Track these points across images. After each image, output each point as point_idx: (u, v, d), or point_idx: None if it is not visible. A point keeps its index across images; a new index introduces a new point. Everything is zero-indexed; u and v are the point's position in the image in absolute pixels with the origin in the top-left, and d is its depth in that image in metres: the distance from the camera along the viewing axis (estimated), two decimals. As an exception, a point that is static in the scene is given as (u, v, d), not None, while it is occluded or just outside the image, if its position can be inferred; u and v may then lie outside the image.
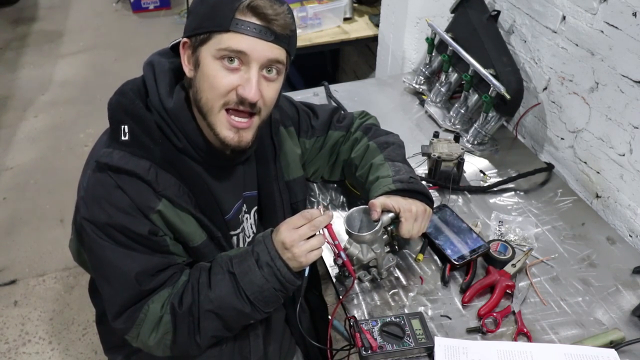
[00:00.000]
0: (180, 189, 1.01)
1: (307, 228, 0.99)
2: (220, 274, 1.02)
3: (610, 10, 1.31)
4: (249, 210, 1.21)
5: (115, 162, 0.96)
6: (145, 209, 0.97)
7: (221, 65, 0.95)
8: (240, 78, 0.96)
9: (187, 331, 1.02)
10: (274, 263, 0.99)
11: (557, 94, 1.55)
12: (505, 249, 1.25)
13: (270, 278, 0.99)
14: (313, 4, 2.41)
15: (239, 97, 0.97)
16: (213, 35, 0.94)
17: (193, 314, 1.01)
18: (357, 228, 1.15)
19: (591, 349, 1.04)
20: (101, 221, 0.97)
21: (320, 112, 1.34)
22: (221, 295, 1.01)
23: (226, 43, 0.94)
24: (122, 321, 1.02)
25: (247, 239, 1.21)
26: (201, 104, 0.99)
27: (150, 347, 1.05)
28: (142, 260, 0.99)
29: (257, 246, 1.02)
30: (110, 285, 1.02)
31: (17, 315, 2.26)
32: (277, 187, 1.20)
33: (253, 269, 1.00)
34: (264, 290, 1.00)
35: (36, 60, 4.04)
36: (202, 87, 0.98)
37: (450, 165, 1.45)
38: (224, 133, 1.00)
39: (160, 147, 1.00)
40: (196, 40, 0.97)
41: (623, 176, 1.37)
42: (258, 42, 0.94)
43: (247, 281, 1.00)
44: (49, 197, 2.82)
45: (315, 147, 1.32)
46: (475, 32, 1.65)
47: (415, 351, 1.05)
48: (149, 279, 1.00)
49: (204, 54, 0.96)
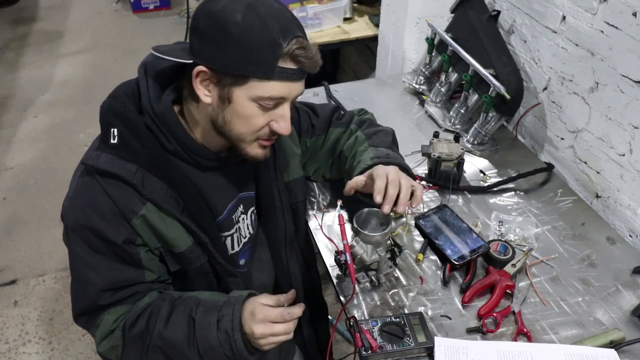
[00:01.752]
0: (168, 193, 1.00)
1: (282, 328, 0.97)
2: (182, 315, 1.00)
3: (610, 10, 1.31)
4: (246, 211, 1.20)
5: (101, 165, 0.96)
6: (128, 213, 0.97)
7: (257, 107, 0.96)
8: (273, 114, 0.99)
9: (135, 352, 1.03)
10: (233, 334, 0.97)
11: (557, 94, 1.55)
12: (505, 249, 1.25)
13: (224, 344, 0.97)
14: (313, 4, 2.41)
15: (273, 131, 1.00)
16: (251, 79, 0.93)
17: (143, 341, 1.01)
18: (365, 228, 1.16)
19: (591, 349, 1.04)
20: (81, 224, 0.98)
21: (321, 111, 1.34)
22: (174, 338, 0.99)
23: (269, 92, 0.94)
24: (82, 322, 1.06)
25: (243, 239, 1.20)
26: (230, 134, 1.00)
27: (102, 352, 1.06)
28: (109, 273, 1.00)
29: (226, 308, 1.00)
30: (74, 288, 1.05)
31: (17, 315, 2.26)
32: (277, 188, 1.20)
33: (212, 328, 0.98)
34: (215, 351, 0.99)
35: (36, 60, 4.04)
36: (235, 122, 0.98)
37: (450, 165, 1.45)
38: (254, 152, 1.03)
39: (149, 151, 0.99)
40: (226, 77, 0.94)
41: (623, 176, 1.37)
42: (295, 84, 0.97)
43: (202, 336, 0.98)
44: (49, 197, 2.82)
45: (316, 145, 1.32)
46: (475, 32, 1.65)
47: (415, 351, 1.05)
48: (110, 294, 1.01)
49: (239, 94, 0.95)
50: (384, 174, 1.11)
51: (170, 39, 4.13)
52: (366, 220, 1.19)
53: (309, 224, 1.36)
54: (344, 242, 1.06)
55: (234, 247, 1.19)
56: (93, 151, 0.99)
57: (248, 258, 1.24)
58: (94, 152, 0.99)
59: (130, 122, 0.98)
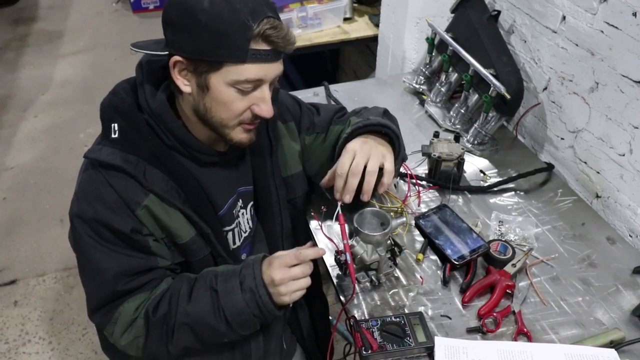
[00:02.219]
0: (169, 185, 1.02)
1: (299, 269, 0.99)
2: (203, 289, 1.02)
3: (610, 10, 1.31)
4: (245, 206, 1.21)
5: (104, 158, 0.98)
6: (132, 204, 0.99)
7: (235, 91, 0.97)
8: (253, 98, 0.99)
9: (159, 338, 1.03)
10: (257, 290, 0.99)
11: (557, 94, 1.56)
12: (505, 249, 1.25)
13: (251, 303, 1.00)
14: (313, 4, 2.41)
15: (255, 115, 1.00)
16: (226, 64, 0.94)
17: (167, 323, 1.02)
18: (365, 228, 1.16)
19: (591, 349, 1.04)
20: (88, 216, 0.99)
21: (324, 110, 1.35)
22: (199, 310, 1.01)
23: (244, 75, 0.95)
24: (98, 317, 1.05)
25: (243, 234, 1.21)
26: (213, 121, 1.01)
27: (123, 346, 1.06)
28: (122, 260, 1.01)
29: (245, 269, 1.02)
30: (89, 280, 1.05)
31: (17, 315, 2.26)
32: (273, 183, 1.20)
33: (236, 290, 1.00)
34: (243, 313, 1.00)
35: (36, 60, 4.04)
36: (215, 109, 0.99)
37: (450, 165, 1.45)
38: (238, 137, 1.04)
39: (150, 144, 1.01)
40: (201, 65, 0.95)
41: (623, 176, 1.37)
42: (269, 65, 0.97)
43: (227, 301, 1.00)
44: (49, 197, 2.82)
45: (316, 143, 1.31)
46: (475, 32, 1.65)
47: (415, 351, 1.05)
48: (126, 280, 1.02)
49: (216, 80, 0.96)
50: (351, 154, 1.08)
51: (170, 39, 4.14)
52: (366, 219, 1.19)
53: (310, 224, 1.36)
54: (344, 242, 1.06)
55: (235, 241, 1.20)
56: (95, 145, 1.02)
57: (249, 253, 1.25)
58: (96, 146, 1.01)
59: (130, 117, 1.00)
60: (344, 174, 1.08)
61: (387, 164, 1.09)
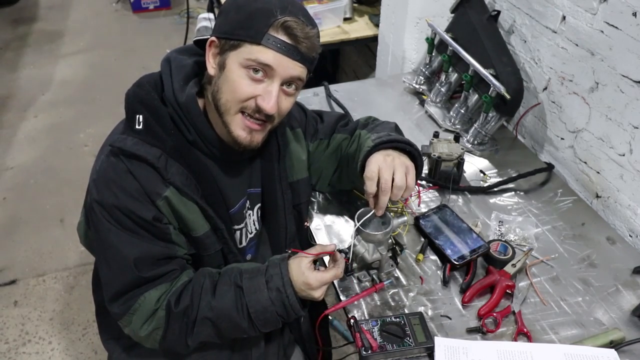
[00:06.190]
0: (188, 179, 1.04)
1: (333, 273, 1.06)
2: (227, 285, 1.05)
3: (610, 10, 1.31)
4: (253, 207, 1.22)
5: (128, 147, 1.00)
6: (153, 194, 1.01)
7: (246, 74, 1.00)
8: (261, 89, 1.01)
9: (179, 331, 1.04)
10: (285, 289, 1.02)
11: (557, 94, 1.55)
12: (505, 249, 1.25)
13: (276, 302, 1.03)
14: (313, 4, 2.41)
15: (257, 106, 1.01)
16: (243, 44, 0.98)
17: (189, 316, 1.03)
18: (367, 227, 1.16)
19: (591, 349, 1.04)
20: (109, 203, 1.00)
21: (327, 117, 1.37)
22: (223, 306, 1.03)
23: (255, 55, 0.97)
24: (117, 305, 1.04)
25: (249, 234, 1.23)
26: (219, 103, 1.03)
27: (140, 337, 1.07)
28: (144, 246, 1.02)
29: (272, 268, 1.05)
30: (109, 267, 1.05)
31: (17, 315, 2.26)
32: (280, 187, 1.22)
33: (262, 288, 1.03)
34: (267, 312, 1.03)
35: (36, 60, 4.04)
36: (223, 88, 1.01)
37: (450, 165, 1.45)
38: (237, 132, 1.04)
39: (172, 138, 1.03)
40: (226, 44, 1.00)
41: (623, 176, 1.37)
42: (284, 59, 0.99)
43: (253, 299, 1.02)
44: (49, 197, 2.82)
45: (319, 149, 1.32)
46: (475, 32, 1.65)
47: (415, 351, 1.05)
48: (148, 266, 1.02)
49: (232, 59, 1.00)
50: (375, 170, 1.09)
51: (170, 39, 4.14)
52: (368, 219, 1.18)
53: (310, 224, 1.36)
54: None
55: (242, 241, 1.21)
56: (119, 135, 1.03)
57: (254, 254, 1.27)
58: (120, 135, 1.02)
59: (155, 110, 1.03)
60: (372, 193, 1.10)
61: (410, 180, 1.10)
